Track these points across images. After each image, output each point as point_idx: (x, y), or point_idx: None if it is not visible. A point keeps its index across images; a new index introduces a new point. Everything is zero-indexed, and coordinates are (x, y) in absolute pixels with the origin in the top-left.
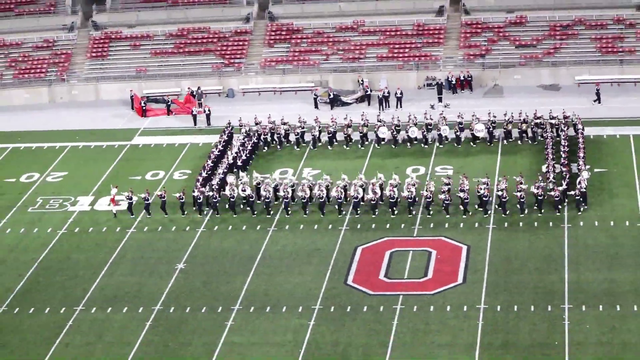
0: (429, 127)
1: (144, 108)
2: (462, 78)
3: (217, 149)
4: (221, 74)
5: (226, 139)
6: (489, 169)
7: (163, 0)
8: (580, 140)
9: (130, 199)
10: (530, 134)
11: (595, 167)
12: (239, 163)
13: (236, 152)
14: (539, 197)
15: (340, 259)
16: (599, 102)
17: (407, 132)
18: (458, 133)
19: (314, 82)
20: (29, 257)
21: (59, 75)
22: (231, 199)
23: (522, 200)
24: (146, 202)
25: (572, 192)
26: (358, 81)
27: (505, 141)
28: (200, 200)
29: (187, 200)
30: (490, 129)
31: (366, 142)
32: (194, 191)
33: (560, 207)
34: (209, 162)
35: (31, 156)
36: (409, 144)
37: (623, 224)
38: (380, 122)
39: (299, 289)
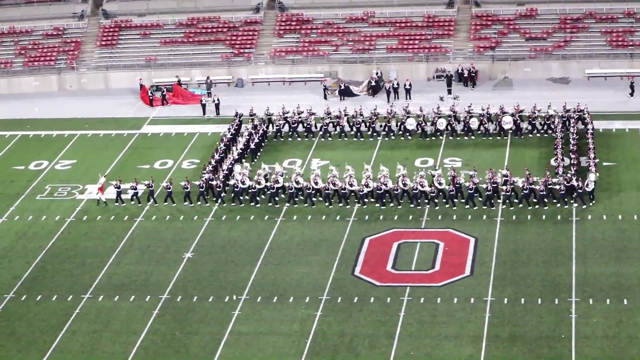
0: (456, 119)
1: (151, 98)
2: (470, 71)
3: (228, 135)
4: (231, 64)
5: (237, 127)
6: (497, 161)
7: None
8: (590, 134)
9: (118, 187)
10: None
11: (604, 161)
12: (252, 146)
13: (246, 141)
14: (524, 191)
15: (348, 250)
16: (632, 95)
17: (435, 124)
18: (486, 125)
19: (324, 73)
20: (36, 244)
21: (69, 63)
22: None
23: (507, 193)
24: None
25: (557, 187)
26: (376, 73)
27: (530, 134)
28: (187, 190)
29: (174, 190)
30: (518, 121)
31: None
32: (201, 179)
33: (546, 200)
34: (222, 144)
35: (40, 144)
36: (425, 137)
37: (631, 217)
38: (407, 113)
39: (306, 280)
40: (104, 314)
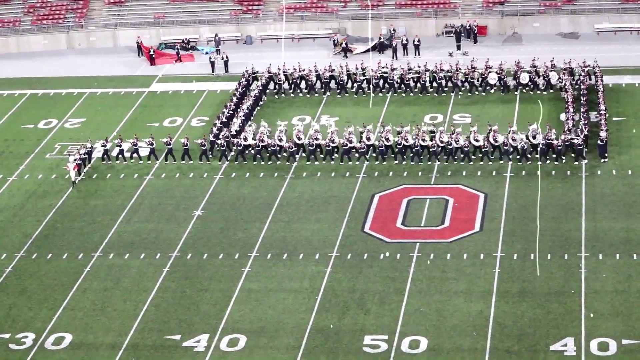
0: (538, 74)
1: (152, 56)
2: (468, 27)
3: (238, 92)
4: (239, 21)
5: (245, 84)
6: (506, 117)
7: None
8: (600, 89)
9: (85, 154)
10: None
11: (614, 116)
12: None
13: (255, 98)
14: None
15: (358, 207)
16: None
17: (518, 78)
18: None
19: (332, 30)
20: (47, 203)
21: (77, 22)
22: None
23: (433, 149)
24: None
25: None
26: (389, 30)
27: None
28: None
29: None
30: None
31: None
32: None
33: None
34: (233, 101)
35: (49, 102)
36: (507, 91)
37: None
38: (489, 68)
39: (316, 236)
40: (114, 271)
